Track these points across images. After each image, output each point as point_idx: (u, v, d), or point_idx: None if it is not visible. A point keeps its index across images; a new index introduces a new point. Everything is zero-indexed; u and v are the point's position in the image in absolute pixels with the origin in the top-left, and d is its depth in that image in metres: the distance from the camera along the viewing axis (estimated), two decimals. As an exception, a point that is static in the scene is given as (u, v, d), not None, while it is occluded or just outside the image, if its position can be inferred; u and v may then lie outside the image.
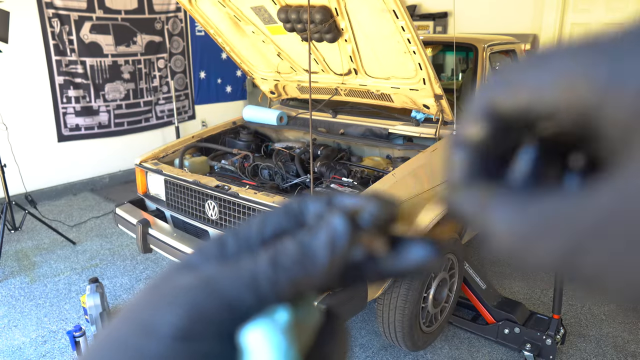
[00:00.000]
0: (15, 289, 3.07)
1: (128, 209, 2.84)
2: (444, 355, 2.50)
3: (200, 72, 5.71)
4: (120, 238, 3.73)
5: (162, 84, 5.30)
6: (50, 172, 4.64)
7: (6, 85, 4.23)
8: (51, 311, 2.83)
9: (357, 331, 2.67)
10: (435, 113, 2.63)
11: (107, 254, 3.51)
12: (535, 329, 2.45)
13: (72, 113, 4.69)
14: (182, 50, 5.44)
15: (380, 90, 2.79)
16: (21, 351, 2.50)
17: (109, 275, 3.20)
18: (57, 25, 4.40)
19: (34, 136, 4.49)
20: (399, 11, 2.12)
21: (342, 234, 0.24)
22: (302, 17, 2.48)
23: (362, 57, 2.66)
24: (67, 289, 3.05)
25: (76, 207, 4.45)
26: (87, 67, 4.67)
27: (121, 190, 4.84)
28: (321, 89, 3.15)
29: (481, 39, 3.07)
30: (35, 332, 2.64)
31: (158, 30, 5.13)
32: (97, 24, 4.64)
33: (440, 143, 2.53)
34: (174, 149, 2.95)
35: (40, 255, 3.48)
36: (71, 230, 3.90)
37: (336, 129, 3.06)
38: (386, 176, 2.21)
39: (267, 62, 3.22)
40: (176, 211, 2.61)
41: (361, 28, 2.45)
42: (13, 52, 4.12)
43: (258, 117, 3.27)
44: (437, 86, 2.47)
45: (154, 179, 2.74)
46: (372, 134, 2.89)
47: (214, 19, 2.99)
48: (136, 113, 5.16)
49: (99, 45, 4.71)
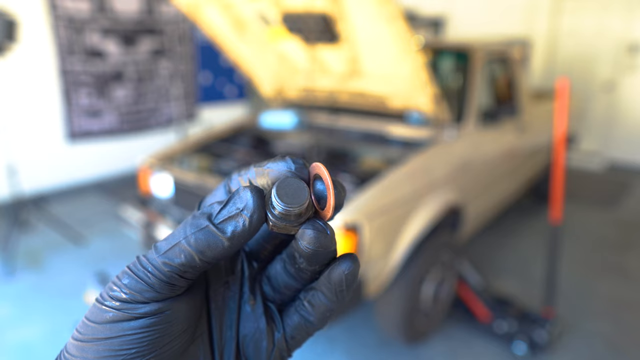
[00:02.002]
0: (24, 286, 3.15)
1: (132, 209, 2.91)
2: (440, 349, 2.58)
3: (203, 74, 5.80)
4: (126, 237, 3.81)
5: (166, 86, 5.38)
6: (59, 172, 4.74)
7: (15, 87, 4.31)
8: (59, 307, 2.91)
9: (357, 327, 2.75)
10: (431, 115, 2.70)
11: (114, 252, 3.59)
12: (529, 324, 2.53)
13: (80, 115, 4.79)
14: (186, 53, 5.52)
15: (379, 92, 2.87)
16: (30, 347, 2.58)
17: (116, 271, 3.27)
18: (64, 29, 4.49)
19: (44, 137, 4.59)
20: (397, 17, 2.20)
21: (249, 208, 0.27)
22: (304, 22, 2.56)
23: (362, 60, 2.74)
24: (75, 286, 3.12)
25: (84, 206, 4.54)
26: (93, 70, 4.75)
27: (127, 190, 4.91)
28: (322, 91, 3.23)
29: (476, 44, 3.15)
30: (44, 328, 2.72)
31: (162, 33, 5.22)
32: (103, 28, 4.73)
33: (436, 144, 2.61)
34: (178, 150, 3.03)
35: (48, 254, 3.57)
36: (79, 229, 3.98)
37: (335, 130, 3.14)
38: (383, 177, 2.28)
39: (268, 65, 3.30)
40: (180, 211, 2.68)
41: (361, 32, 2.53)
42: (22, 55, 4.20)
43: (275, 123, 3.32)
44: (433, 89, 2.55)
45: (158, 179, 2.82)
46: (369, 135, 2.96)
47: (216, 24, 3.07)
48: (142, 115, 5.25)
49: (105, 48, 4.79)
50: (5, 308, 2.91)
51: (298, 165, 0.28)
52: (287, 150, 3.10)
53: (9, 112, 4.21)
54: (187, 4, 2.94)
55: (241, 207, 0.27)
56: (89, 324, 0.27)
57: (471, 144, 2.85)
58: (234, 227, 0.27)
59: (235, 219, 0.27)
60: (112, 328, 0.27)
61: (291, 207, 0.27)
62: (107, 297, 0.27)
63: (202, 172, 2.81)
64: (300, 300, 0.32)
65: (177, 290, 0.28)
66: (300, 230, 0.28)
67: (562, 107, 2.43)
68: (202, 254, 0.27)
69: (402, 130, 2.85)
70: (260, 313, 0.32)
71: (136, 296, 0.27)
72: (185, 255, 0.27)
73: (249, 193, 0.27)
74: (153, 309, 0.27)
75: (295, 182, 0.27)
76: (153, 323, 0.27)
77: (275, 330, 0.32)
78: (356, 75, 2.92)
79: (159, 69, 5.30)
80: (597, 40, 5.76)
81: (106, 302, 0.27)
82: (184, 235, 0.27)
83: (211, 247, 0.27)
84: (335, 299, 0.30)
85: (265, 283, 0.34)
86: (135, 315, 0.27)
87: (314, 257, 0.29)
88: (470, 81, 2.97)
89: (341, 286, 0.30)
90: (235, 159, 2.96)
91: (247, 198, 0.27)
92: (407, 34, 2.27)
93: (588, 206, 4.69)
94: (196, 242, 0.26)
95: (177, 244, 0.27)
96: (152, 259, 0.27)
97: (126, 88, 5.06)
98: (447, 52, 3.24)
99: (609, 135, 5.97)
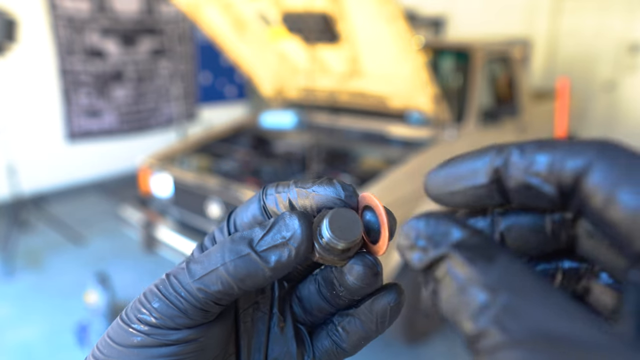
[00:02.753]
0: (24, 286, 3.14)
1: (132, 209, 2.91)
2: (440, 349, 2.58)
3: (203, 74, 5.80)
4: (126, 237, 3.81)
5: (166, 86, 5.38)
6: (59, 172, 4.75)
7: (15, 87, 4.31)
8: (59, 307, 2.90)
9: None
10: (431, 115, 2.70)
11: (113, 252, 3.59)
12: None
13: (80, 115, 4.79)
14: (186, 53, 5.52)
15: (379, 92, 2.87)
16: (29, 346, 2.57)
17: (116, 271, 3.27)
18: (64, 29, 4.48)
19: (43, 137, 4.59)
20: (397, 17, 2.20)
21: (296, 239, 0.25)
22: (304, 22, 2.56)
23: (362, 60, 2.74)
24: (75, 286, 3.12)
25: (84, 206, 4.54)
26: (93, 70, 4.75)
27: (127, 190, 4.91)
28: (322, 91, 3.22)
29: (477, 44, 3.15)
30: (43, 328, 2.72)
31: (162, 33, 5.22)
32: (103, 28, 4.73)
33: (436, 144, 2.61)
34: (178, 150, 3.03)
35: (48, 254, 3.56)
36: (79, 229, 3.98)
37: (335, 130, 3.13)
38: (383, 177, 2.28)
39: (268, 65, 3.30)
40: (180, 211, 2.68)
41: (361, 32, 2.52)
42: (22, 55, 4.20)
43: (276, 122, 3.32)
44: (433, 89, 2.55)
45: (158, 179, 2.81)
46: (369, 135, 2.96)
47: (216, 24, 3.06)
48: (141, 115, 5.25)
49: (105, 48, 4.79)
50: (5, 308, 2.91)
51: (348, 192, 0.26)
52: (287, 150, 3.10)
53: (9, 112, 4.21)
54: (187, 3, 2.93)
55: (287, 236, 0.25)
56: (114, 346, 0.26)
57: (471, 143, 2.85)
58: (278, 257, 0.25)
59: (280, 248, 0.25)
60: (140, 353, 0.25)
61: (343, 242, 0.25)
62: (135, 320, 0.25)
63: (202, 172, 2.80)
64: (333, 324, 0.30)
65: (210, 317, 0.26)
66: (348, 265, 0.27)
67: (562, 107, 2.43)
68: (242, 283, 0.25)
69: (402, 130, 2.84)
70: (291, 336, 0.31)
71: (167, 322, 0.25)
72: (223, 283, 0.25)
73: (297, 221, 0.25)
74: (185, 336, 0.26)
75: (349, 214, 0.25)
76: (185, 351, 0.26)
77: (305, 355, 0.30)
78: (356, 75, 2.92)
79: (159, 69, 5.30)
80: (597, 40, 5.76)
81: (133, 325, 0.25)
82: (222, 261, 0.25)
83: (252, 276, 0.25)
84: (375, 329, 0.28)
85: (296, 303, 0.32)
86: (166, 342, 0.25)
87: (358, 292, 0.27)
88: (471, 81, 2.97)
89: (384, 318, 0.28)
90: (235, 159, 2.96)
91: (294, 227, 0.25)
92: (408, 33, 2.27)
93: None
94: (236, 270, 0.25)
95: (214, 271, 0.25)
96: (186, 283, 0.25)
97: (126, 88, 5.06)
98: (448, 52, 3.24)
99: (610, 135, 5.97)
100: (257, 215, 0.29)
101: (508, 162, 0.19)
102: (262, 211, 0.29)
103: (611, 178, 0.17)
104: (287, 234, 0.25)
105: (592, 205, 0.18)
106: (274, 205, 0.28)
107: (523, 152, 0.19)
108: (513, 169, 0.19)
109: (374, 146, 2.86)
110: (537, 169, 0.19)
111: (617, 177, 0.17)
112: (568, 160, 0.18)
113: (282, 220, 0.25)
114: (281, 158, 2.92)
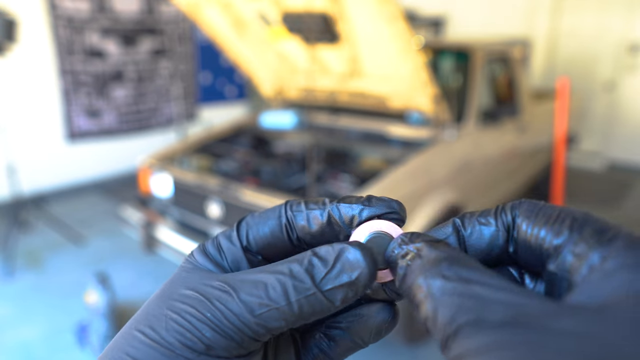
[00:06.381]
0: (24, 286, 3.14)
1: (132, 209, 2.91)
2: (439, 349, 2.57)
3: (203, 74, 5.80)
4: (126, 237, 3.81)
5: (166, 86, 5.38)
6: (59, 172, 4.75)
7: (15, 87, 4.31)
8: (59, 307, 2.90)
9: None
10: (431, 115, 2.70)
11: (113, 252, 3.59)
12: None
13: (80, 115, 4.79)
14: (186, 53, 5.52)
15: (379, 92, 2.87)
16: (29, 346, 2.57)
17: (116, 271, 3.27)
18: (64, 29, 4.48)
19: (43, 137, 4.59)
20: (397, 17, 2.20)
21: (362, 280, 0.24)
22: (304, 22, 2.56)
23: (362, 60, 2.74)
24: (75, 286, 3.12)
25: (84, 206, 4.54)
26: (93, 70, 4.75)
27: (127, 190, 4.91)
28: (322, 91, 3.22)
29: (477, 44, 3.15)
30: (43, 328, 2.72)
31: (162, 33, 5.22)
32: (103, 28, 4.73)
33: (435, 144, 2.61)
34: (178, 150, 3.03)
35: (48, 253, 3.56)
36: (79, 229, 3.98)
37: (335, 130, 3.13)
38: (383, 177, 2.28)
39: (268, 65, 3.30)
40: (180, 211, 2.68)
41: (361, 32, 2.53)
42: (22, 55, 4.20)
43: (275, 122, 3.32)
44: (433, 89, 2.55)
45: (158, 179, 2.82)
46: (369, 135, 2.96)
47: (216, 24, 3.06)
48: (141, 115, 5.25)
49: (105, 48, 4.79)
50: (5, 308, 2.91)
51: (400, 206, 0.29)
52: (287, 150, 3.10)
53: (9, 112, 4.21)
54: (187, 3, 2.94)
55: (354, 277, 0.24)
56: None
57: (471, 143, 2.85)
58: (344, 295, 0.25)
59: (345, 288, 0.24)
60: None
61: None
62: (178, 345, 0.24)
63: (202, 172, 2.81)
64: (321, 334, 0.30)
65: (259, 345, 0.26)
66: (374, 314, 0.29)
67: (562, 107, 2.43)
68: (305, 320, 0.25)
69: (402, 130, 2.85)
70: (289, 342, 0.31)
71: (220, 352, 0.25)
72: (287, 320, 0.24)
73: (361, 259, 0.25)
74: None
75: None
76: None
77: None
78: (356, 75, 2.92)
79: (159, 69, 5.30)
80: (597, 40, 5.76)
81: (177, 351, 0.24)
82: (286, 300, 0.24)
83: (316, 314, 0.25)
84: (365, 343, 0.29)
85: None
86: None
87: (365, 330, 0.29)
88: (471, 81, 2.97)
89: (378, 335, 0.28)
90: (235, 159, 2.96)
91: (360, 266, 0.24)
92: (407, 34, 2.27)
93: (588, 206, 4.68)
94: (301, 310, 0.24)
95: (277, 309, 0.24)
96: (244, 317, 0.24)
97: (126, 88, 5.06)
98: (447, 52, 3.24)
99: (610, 135, 5.97)
100: (277, 232, 0.28)
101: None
102: (283, 228, 0.28)
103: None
104: (353, 275, 0.24)
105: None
106: (305, 223, 0.28)
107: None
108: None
109: (374, 146, 2.86)
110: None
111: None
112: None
113: (347, 258, 0.25)
114: (281, 158, 2.92)
